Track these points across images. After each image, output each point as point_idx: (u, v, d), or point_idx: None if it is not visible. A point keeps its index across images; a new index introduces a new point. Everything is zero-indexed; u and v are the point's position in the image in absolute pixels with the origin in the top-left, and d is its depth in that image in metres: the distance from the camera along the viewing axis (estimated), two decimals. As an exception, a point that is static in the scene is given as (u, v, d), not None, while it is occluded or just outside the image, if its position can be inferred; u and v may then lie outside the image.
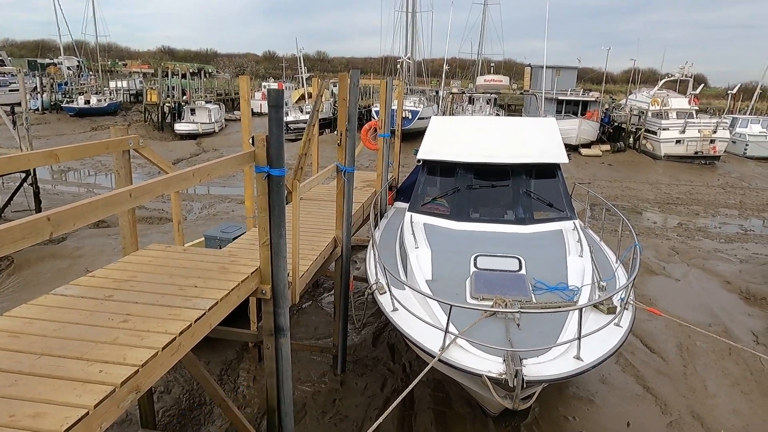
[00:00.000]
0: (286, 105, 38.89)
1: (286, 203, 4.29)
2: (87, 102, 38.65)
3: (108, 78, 51.51)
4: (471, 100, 34.62)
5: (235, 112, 42.96)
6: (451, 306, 3.86)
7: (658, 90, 30.91)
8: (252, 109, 16.50)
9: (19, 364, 2.71)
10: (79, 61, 51.47)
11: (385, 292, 5.13)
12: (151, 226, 14.17)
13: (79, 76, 47.65)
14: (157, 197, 3.14)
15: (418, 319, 4.41)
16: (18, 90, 16.03)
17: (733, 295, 10.20)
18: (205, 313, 3.39)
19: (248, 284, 4.11)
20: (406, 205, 8.16)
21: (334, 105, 36.88)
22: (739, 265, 12.15)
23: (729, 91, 35.91)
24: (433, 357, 4.02)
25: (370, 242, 6.73)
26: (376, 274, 5.60)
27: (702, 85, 32.06)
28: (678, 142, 26.69)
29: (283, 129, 4.05)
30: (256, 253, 4.31)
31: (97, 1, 52.57)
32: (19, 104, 13.46)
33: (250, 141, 4.29)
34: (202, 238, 8.65)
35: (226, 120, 38.32)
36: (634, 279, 4.72)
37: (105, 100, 40.33)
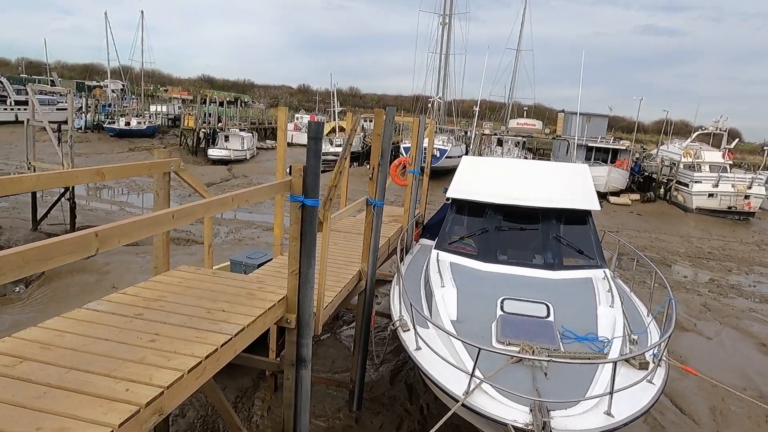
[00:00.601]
0: (317, 137, 39.76)
1: (319, 232, 4.32)
2: (127, 124, 40.23)
3: (149, 102, 53.71)
4: (500, 142, 34.80)
5: (267, 141, 44.07)
6: (480, 349, 3.76)
7: (691, 142, 30.54)
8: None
9: (49, 376, 2.74)
10: (123, 85, 53.98)
11: (409, 330, 5.05)
12: (178, 247, 14.41)
13: (122, 99, 49.88)
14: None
15: (443, 359, 4.31)
16: (65, 109, 16.81)
17: (770, 359, 9.72)
18: (231, 339, 3.39)
19: (274, 312, 4.11)
20: (431, 242, 8.12)
21: (364, 139, 37.59)
22: (775, 327, 11.61)
23: (765, 147, 35.24)
24: (456, 401, 3.90)
25: (395, 277, 6.68)
26: (400, 310, 5.54)
27: (736, 140, 31.62)
28: (711, 195, 26.13)
29: (320, 160, 4.12)
30: (284, 280, 4.33)
31: (145, 30, 55.47)
32: (65, 122, 14.09)
33: (288, 171, 4.37)
34: (228, 262, 8.74)
35: (257, 148, 39.30)
36: (670, 335, 4.53)
37: (144, 122, 41.93)
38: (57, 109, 40.13)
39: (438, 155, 28.80)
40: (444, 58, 36.32)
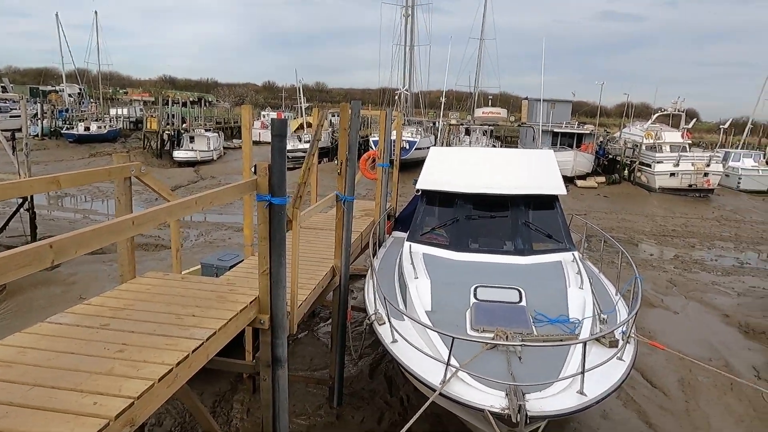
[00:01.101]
0: (285, 134, 39.29)
1: (289, 230, 4.28)
2: (87, 129, 38.93)
3: (109, 105, 52.07)
4: (468, 132, 35.13)
5: (234, 140, 43.32)
6: (453, 338, 3.80)
7: (652, 124, 31.46)
8: (251, 138, 16.64)
9: (11, 395, 2.63)
10: (80, 89, 52.13)
11: (385, 323, 5.06)
12: (147, 252, 14.06)
13: (80, 104, 48.18)
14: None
15: (419, 351, 4.34)
16: (19, 116, 16.14)
17: (733, 329, 10.14)
18: (202, 344, 3.33)
19: (247, 314, 4.05)
20: (404, 235, 8.14)
21: (333, 134, 37.38)
22: (737, 298, 12.11)
23: (721, 126, 36.57)
24: (434, 390, 3.93)
25: (369, 272, 6.68)
26: (375, 304, 5.54)
27: (694, 120, 32.69)
28: (672, 175, 27.02)
29: (285, 158, 4.07)
30: (255, 281, 4.27)
31: (101, 30, 53.61)
32: (20, 130, 13.53)
33: (252, 169, 4.31)
34: (199, 266, 8.58)
35: (224, 148, 38.60)
36: (636, 312, 4.67)
37: (105, 127, 40.64)
38: (10, 117, 38.54)
39: (407, 147, 28.88)
40: (408, 50, 36.35)
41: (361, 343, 8.23)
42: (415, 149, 29.01)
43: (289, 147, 36.17)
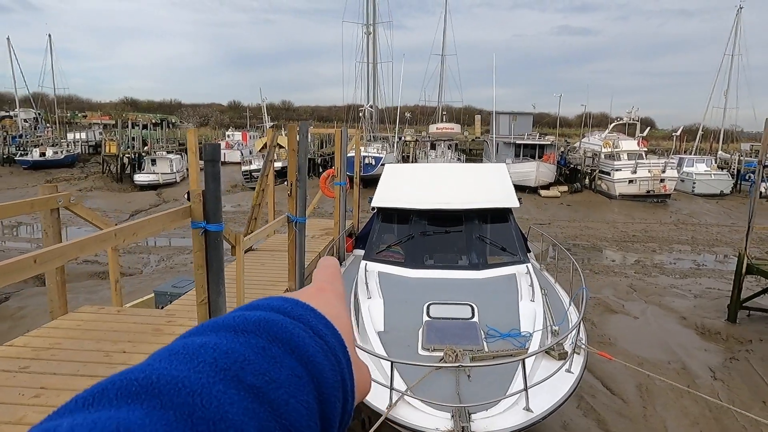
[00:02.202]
0: (251, 153, 38.93)
1: (233, 256, 4.15)
2: (42, 154, 37.66)
3: (66, 129, 50.58)
4: (433, 146, 35.55)
5: (200, 161, 42.56)
6: (392, 362, 3.73)
7: (609, 133, 32.46)
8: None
9: None
10: (36, 114, 50.54)
11: None
12: (103, 281, 13.56)
13: (35, 128, 46.65)
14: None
15: None
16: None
17: (690, 331, 10.37)
18: (129, 382, 3.15)
19: (184, 346, 3.88)
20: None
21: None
22: (693, 300, 12.44)
23: (674, 133, 38.03)
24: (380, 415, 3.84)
25: None
26: None
27: (649, 128, 33.89)
28: (631, 182, 27.85)
29: (220, 183, 3.96)
30: (196, 312, 4.11)
31: (56, 54, 52.35)
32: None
33: (186, 196, 4.18)
34: (152, 294, 8.29)
35: (188, 170, 37.86)
36: (580, 323, 4.70)
37: (62, 152, 39.40)
38: (-40, 145, 37.03)
39: (374, 163, 28.97)
40: (371, 67, 36.66)
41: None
42: (381, 165, 29.09)
43: (254, 167, 35.47)
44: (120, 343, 3.71)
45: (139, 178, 32.44)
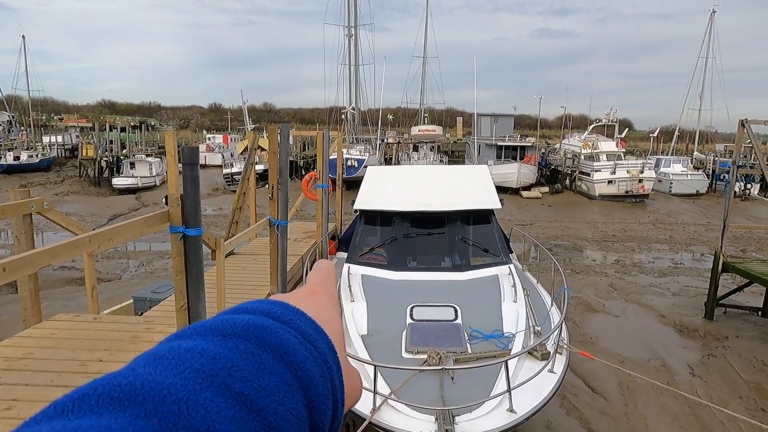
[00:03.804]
0: (232, 156, 38.55)
1: (214, 260, 4.08)
2: (17, 158, 36.80)
3: (42, 133, 49.50)
4: (416, 148, 35.66)
5: (179, 164, 41.99)
6: (376, 366, 3.70)
7: (588, 134, 32.95)
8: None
9: None
10: (10, 116, 49.36)
11: None
12: (81, 287, 13.28)
13: (9, 132, 45.55)
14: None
15: None
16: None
17: (669, 329, 10.55)
18: (106, 392, 3.07)
19: (163, 354, 3.80)
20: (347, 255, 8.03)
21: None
22: (672, 298, 12.66)
23: (651, 134, 38.77)
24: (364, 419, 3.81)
25: None
26: None
27: (627, 129, 34.49)
28: (610, 182, 28.29)
29: (199, 187, 3.90)
30: (176, 318, 4.03)
31: (33, 55, 51.24)
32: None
33: (163, 200, 4.10)
34: (131, 300, 8.14)
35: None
36: (562, 323, 4.74)
37: (37, 155, 38.54)
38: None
39: (356, 165, 28.94)
40: (353, 69, 36.64)
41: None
42: (364, 167, 29.09)
43: (236, 170, 35.07)
44: (96, 351, 3.62)
45: (118, 181, 31.89)
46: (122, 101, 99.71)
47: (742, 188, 29.66)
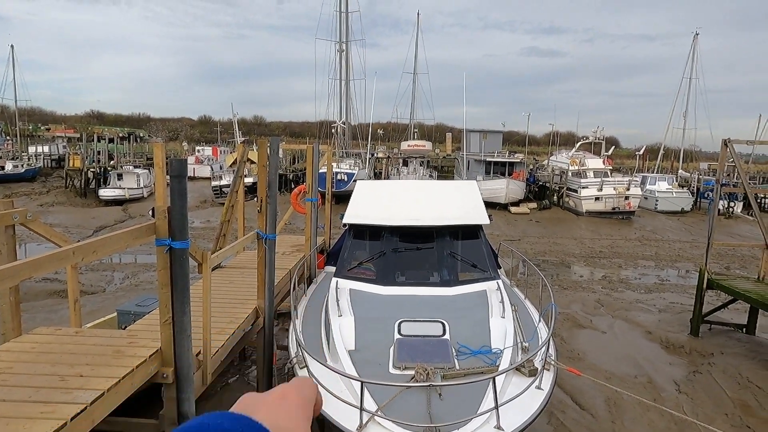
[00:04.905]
0: (221, 168, 38.41)
1: (200, 273, 4.04)
2: (1, 168, 36.33)
3: (27, 143, 48.98)
4: (406, 163, 35.85)
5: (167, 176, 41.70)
6: (363, 383, 3.67)
7: (576, 152, 33.38)
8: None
9: None
10: (-4, 126, 48.87)
11: (304, 367, 4.85)
12: (64, 300, 13.02)
13: (-6, 141, 45.06)
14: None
15: (334, 396, 4.16)
16: None
17: (655, 345, 10.60)
18: (86, 408, 3.00)
19: (146, 368, 3.74)
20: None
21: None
22: (658, 314, 12.75)
23: (637, 152, 39.38)
24: (351, 437, 3.76)
25: (292, 311, 6.46)
26: (297, 346, 5.32)
27: (613, 147, 35.00)
28: (597, 199, 28.62)
29: (186, 200, 3.87)
30: (160, 333, 3.97)
31: (21, 64, 50.95)
32: None
33: (150, 212, 4.06)
34: (115, 314, 8.00)
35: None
36: (549, 339, 4.74)
37: (22, 165, 38.09)
38: None
39: (346, 179, 28.98)
40: (344, 84, 36.88)
41: (291, 386, 7.87)
42: (353, 181, 29.14)
43: (224, 182, 34.94)
44: (77, 366, 3.54)
45: (105, 193, 31.57)
46: (111, 112, 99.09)
47: (726, 206, 30.16)
